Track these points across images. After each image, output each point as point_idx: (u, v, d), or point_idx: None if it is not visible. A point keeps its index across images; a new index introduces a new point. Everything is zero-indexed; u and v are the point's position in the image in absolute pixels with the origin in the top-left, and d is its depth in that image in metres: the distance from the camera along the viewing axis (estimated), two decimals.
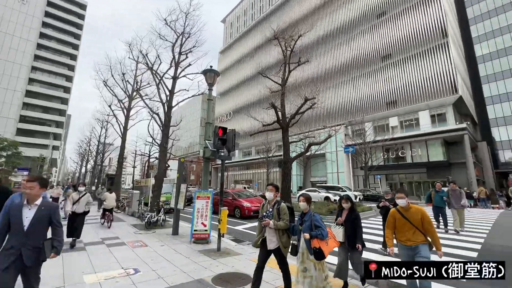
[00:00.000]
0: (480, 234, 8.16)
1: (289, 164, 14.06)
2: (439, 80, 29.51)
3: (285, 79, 14.90)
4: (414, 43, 32.51)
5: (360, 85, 37.65)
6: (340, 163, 36.14)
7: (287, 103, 16.31)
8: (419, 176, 32.04)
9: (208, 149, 6.04)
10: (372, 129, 32.59)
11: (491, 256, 5.69)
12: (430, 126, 30.22)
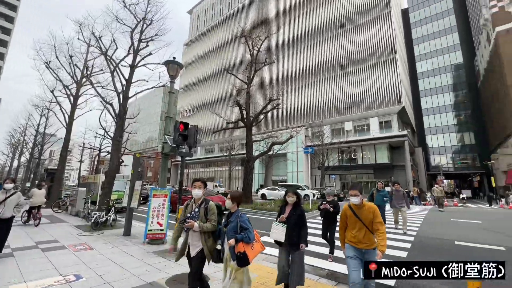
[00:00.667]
0: (413, 228, 9.37)
1: (252, 163, 14.22)
2: (387, 91, 32.94)
3: (251, 78, 14.98)
4: (369, 55, 35.67)
5: (320, 89, 39.87)
6: (300, 163, 37.84)
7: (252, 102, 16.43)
8: (368, 176, 35.39)
9: (168, 145, 5.73)
10: (329, 132, 34.86)
11: (422, 245, 6.58)
12: (378, 131, 33.55)
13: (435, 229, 9.26)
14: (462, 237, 7.85)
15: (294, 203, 3.48)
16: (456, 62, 47.02)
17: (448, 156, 45.81)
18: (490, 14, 29.17)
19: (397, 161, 32.63)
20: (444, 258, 5.57)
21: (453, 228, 9.54)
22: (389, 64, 33.53)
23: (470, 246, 6.66)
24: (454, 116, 46.25)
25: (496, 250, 6.32)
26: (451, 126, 46.18)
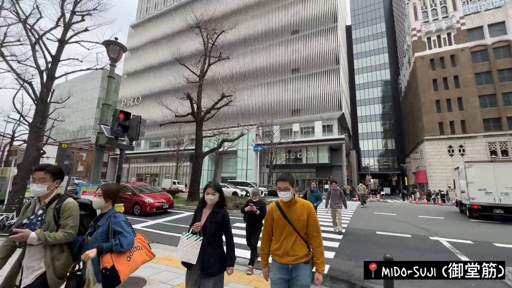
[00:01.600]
0: (345, 221, 10.57)
1: (201, 159, 13.81)
2: (330, 98, 36.24)
3: (204, 71, 14.50)
4: (317, 63, 38.57)
5: (273, 91, 41.30)
6: (250, 160, 38.55)
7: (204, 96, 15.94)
8: (310, 175, 38.35)
9: (103, 136, 5.07)
10: (279, 132, 36.46)
11: (351, 236, 7.48)
12: (321, 134, 36.64)
13: (362, 222, 10.63)
14: (381, 227, 9.22)
15: (215, 203, 2.35)
16: (385, 78, 54.89)
17: (375, 158, 53.24)
18: (411, 41, 35.03)
19: (335, 162, 36.28)
20: (368, 245, 6.45)
21: (375, 220, 11.13)
22: (334, 74, 36.92)
23: (388, 235, 7.87)
24: (381, 124, 53.98)
25: (405, 237, 7.63)
26: (378, 133, 53.77)
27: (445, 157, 29.44)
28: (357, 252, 5.88)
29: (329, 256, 5.44)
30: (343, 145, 34.84)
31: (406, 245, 6.64)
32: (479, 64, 30.01)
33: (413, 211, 15.70)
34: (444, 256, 5.65)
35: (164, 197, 11.73)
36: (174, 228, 8.28)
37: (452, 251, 6.08)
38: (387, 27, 57.21)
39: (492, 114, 28.52)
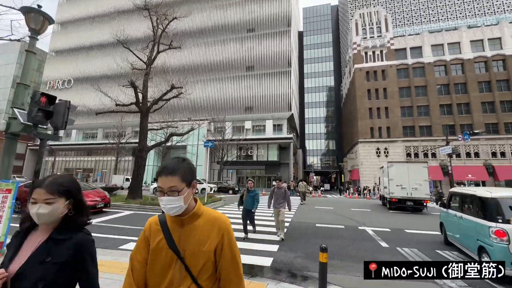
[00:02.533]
0: (290, 215, 11.25)
1: (145, 153, 12.77)
2: (281, 98, 37.88)
3: (152, 59, 13.38)
4: (270, 63, 39.74)
5: (226, 86, 40.89)
6: (200, 156, 37.38)
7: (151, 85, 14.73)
8: (260, 172, 39.51)
9: (17, 122, 4.20)
10: (231, 129, 36.41)
11: (294, 229, 8.00)
12: (272, 133, 38.03)
13: (304, 215, 11.47)
14: (321, 220, 10.12)
15: (59, 222, 1.19)
16: (329, 84, 60.23)
17: (318, 157, 58.10)
18: (352, 53, 39.29)
19: (284, 160, 38.20)
20: (308, 237, 6.99)
21: (316, 214, 12.15)
22: (286, 76, 38.65)
23: (326, 227, 8.68)
24: (325, 126, 59.18)
25: (340, 228, 8.55)
26: (322, 134, 58.81)
27: (374, 158, 34.05)
28: (298, 243, 6.33)
29: (273, 249, 5.71)
30: (291, 144, 36.90)
31: (340, 235, 7.44)
32: (402, 80, 35.55)
33: (347, 204, 17.71)
34: (369, 243, 6.53)
35: (98, 195, 10.44)
36: (109, 229, 7.46)
37: (375, 238, 7.09)
38: (334, 38, 62.73)
39: (409, 123, 34.19)
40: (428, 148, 32.07)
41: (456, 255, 5.54)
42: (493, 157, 30.31)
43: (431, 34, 36.50)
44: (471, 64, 33.27)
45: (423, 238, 7.22)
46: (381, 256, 5.35)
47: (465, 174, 29.09)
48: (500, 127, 30.96)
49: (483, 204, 4.66)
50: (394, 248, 5.99)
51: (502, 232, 4.09)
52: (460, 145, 29.39)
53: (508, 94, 31.50)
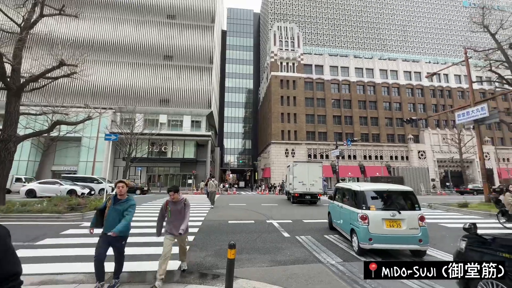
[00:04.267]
0: (203, 214, 11.09)
1: (13, 144, 9.66)
2: (201, 94, 36.95)
3: (30, 22, 10.27)
4: (192, 56, 38.06)
5: (139, 73, 36.36)
6: (100, 151, 31.68)
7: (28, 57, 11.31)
8: (174, 170, 37.20)
9: None
10: (142, 121, 32.60)
11: (207, 228, 7.91)
12: (189, 129, 36.50)
13: (218, 213, 11.56)
14: (233, 217, 10.45)
15: None
16: (249, 87, 63.33)
17: (235, 156, 60.02)
18: (270, 61, 42.75)
19: (201, 157, 37.38)
20: (220, 234, 7.05)
21: (229, 211, 12.46)
22: (207, 72, 37.92)
23: (237, 223, 9.01)
24: (242, 126, 61.77)
25: (250, 223, 9.07)
26: (239, 133, 61.14)
27: (283, 157, 38.14)
28: (210, 242, 6.30)
29: None
30: (210, 142, 36.55)
31: (249, 229, 7.89)
32: (308, 91, 41.41)
33: (258, 200, 19.08)
34: (274, 234, 7.22)
35: None
36: None
37: (279, 229, 7.91)
38: (255, 43, 66.34)
39: (311, 128, 40.20)
40: (324, 150, 38.66)
41: (337, 237, 6.86)
42: (364, 159, 39.64)
43: (330, 56, 44.20)
44: (354, 86, 42.37)
45: (316, 226, 8.59)
46: (283, 245, 6.01)
47: (347, 172, 36.79)
48: (369, 136, 40.81)
49: (355, 196, 5.91)
50: (294, 237, 6.86)
51: (365, 216, 5.25)
52: (345, 149, 36.91)
53: (375, 112, 41.94)
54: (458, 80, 44.92)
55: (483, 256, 2.80)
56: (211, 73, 37.91)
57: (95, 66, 33.69)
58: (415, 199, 5.48)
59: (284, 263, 4.78)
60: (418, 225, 5.12)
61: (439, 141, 40.02)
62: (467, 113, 14.09)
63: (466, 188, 30.66)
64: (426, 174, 31.58)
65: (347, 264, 4.74)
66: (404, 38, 60.83)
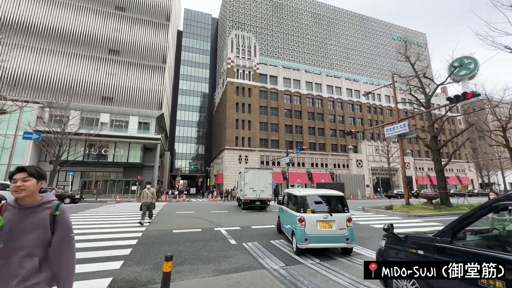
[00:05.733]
0: (145, 223, 10.19)
1: None
2: (152, 94, 34.62)
3: None
4: (142, 54, 35.53)
5: (77, 64, 32.20)
6: (20, 152, 26.61)
7: None
8: (116, 175, 33.59)
9: None
10: (79, 119, 28.73)
11: (148, 238, 7.26)
12: (136, 131, 33.66)
13: (162, 222, 10.79)
14: (179, 225, 9.87)
15: None
16: (204, 91, 62.09)
17: (187, 161, 57.54)
18: (226, 67, 42.86)
19: (148, 162, 34.69)
20: (162, 245, 6.54)
21: (176, 220, 11.76)
22: (159, 71, 35.82)
23: (183, 232, 8.53)
24: (196, 131, 59.89)
25: (197, 231, 8.70)
26: (193, 138, 59.05)
27: (236, 164, 38.17)
28: (149, 254, 5.78)
29: (115, 267, 4.86)
30: (159, 146, 34.28)
31: (195, 238, 7.55)
32: (262, 99, 42.73)
33: (208, 207, 18.54)
34: (221, 242, 7.05)
35: None
36: None
37: (227, 237, 7.77)
38: (212, 48, 65.77)
39: (264, 136, 41.41)
40: (276, 157, 40.12)
41: (282, 242, 7.08)
42: (312, 166, 42.52)
43: (284, 69, 46.70)
44: (304, 98, 45.50)
45: (263, 231, 8.73)
46: (229, 253, 5.90)
47: (296, 179, 38.82)
48: (316, 146, 44.09)
49: (295, 200, 6.37)
50: (241, 244, 6.82)
51: (302, 219, 5.73)
52: (295, 157, 38.98)
53: (322, 123, 45.66)
54: (387, 100, 52.42)
55: (398, 253, 3.23)
56: (164, 73, 35.97)
57: (18, 52, 28.57)
58: (345, 203, 6.14)
59: (228, 272, 4.68)
60: (346, 225, 5.74)
61: (373, 151, 45.68)
62: (393, 128, 16.48)
63: (392, 193, 35.55)
64: (362, 181, 35.56)
65: (289, 267, 4.91)
66: (348, 59, 68.47)
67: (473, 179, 55.01)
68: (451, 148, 48.32)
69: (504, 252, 2.32)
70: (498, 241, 2.66)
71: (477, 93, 11.92)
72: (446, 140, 19.23)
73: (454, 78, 15.42)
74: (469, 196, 29.59)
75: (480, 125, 31.33)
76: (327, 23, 68.67)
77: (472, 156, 57.15)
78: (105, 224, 10.17)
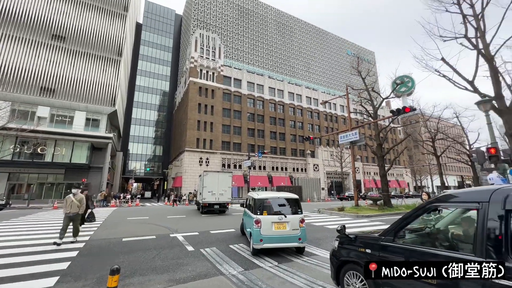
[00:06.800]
0: (88, 232, 9.10)
1: None
2: (104, 89, 31.51)
3: None
4: (93, 43, 32.21)
5: (8, 47, 27.61)
6: None
7: None
8: (55, 177, 29.53)
9: None
10: (9, 111, 24.53)
11: (92, 249, 6.47)
12: (83, 128, 30.17)
13: (109, 230, 9.78)
14: (130, 233, 9.07)
15: None
16: (164, 89, 58.98)
17: (142, 162, 53.62)
18: (189, 66, 41.46)
19: (96, 163, 31.33)
20: (108, 256, 5.89)
21: (126, 226, 10.79)
22: (113, 64, 32.86)
23: (134, 240, 7.85)
24: (154, 131, 56.37)
25: (150, 239, 8.09)
26: (150, 138, 55.39)
27: (197, 166, 36.97)
28: (91, 267, 5.15)
29: (47, 285, 4.20)
30: (110, 145, 31.27)
31: (148, 246, 7.00)
32: (226, 102, 42.41)
33: (164, 212, 17.50)
34: (177, 249, 6.67)
35: None
36: None
37: (184, 243, 7.39)
38: (174, 45, 63.06)
39: (227, 138, 41.06)
40: (238, 160, 40.04)
41: (241, 246, 7.02)
42: (272, 170, 43.57)
43: (248, 73, 47.21)
44: (267, 103, 46.60)
45: (222, 236, 8.55)
46: (185, 260, 5.61)
47: (257, 182, 39.28)
48: (277, 150, 45.39)
49: (254, 203, 6.54)
50: (198, 250, 6.55)
51: (258, 220, 5.96)
52: (256, 160, 39.47)
53: (283, 128, 47.27)
54: (342, 109, 56.95)
55: (349, 253, 3.46)
56: (119, 67, 33.14)
57: None
58: (299, 205, 6.47)
59: (184, 281, 4.43)
60: (299, 226, 6.10)
61: (328, 156, 48.94)
62: (346, 136, 17.91)
63: (344, 195, 38.50)
64: (318, 184, 37.72)
65: (247, 272, 4.87)
66: (308, 69, 72.52)
67: (409, 182, 62.96)
68: (393, 155, 54.63)
69: (433, 247, 2.67)
70: (429, 238, 3.04)
71: (414, 108, 13.72)
72: (389, 148, 21.65)
73: (396, 93, 17.51)
74: (405, 198, 33.68)
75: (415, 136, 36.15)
76: (290, 32, 71.87)
77: (409, 162, 65.56)
78: (37, 234, 8.79)
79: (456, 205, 2.74)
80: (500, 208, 2.10)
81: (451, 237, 2.77)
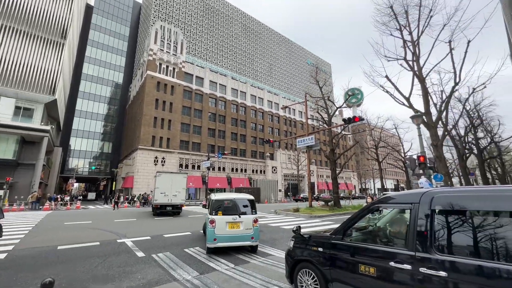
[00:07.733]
0: (14, 239, 7.76)
1: None
2: (42, 74, 27.40)
3: None
4: (32, 22, 27.82)
5: None
6: None
7: None
8: None
9: None
10: None
11: (18, 259, 5.50)
12: (10, 117, 25.71)
13: (42, 237, 8.51)
14: (68, 239, 8.01)
15: None
16: (117, 80, 53.95)
17: (86, 160, 47.96)
18: (147, 59, 38.78)
19: (27, 159, 26.95)
20: (39, 267, 5.11)
21: (63, 232, 9.51)
22: (54, 47, 28.83)
23: (72, 248, 6.94)
24: (102, 125, 51.00)
25: (93, 245, 7.27)
26: (97, 134, 49.90)
27: (151, 166, 34.65)
28: (16, 283, 4.38)
29: None
30: (45, 139, 27.24)
31: (91, 254, 6.28)
32: (186, 100, 40.84)
33: (112, 215, 15.94)
34: (124, 256, 6.12)
35: None
36: None
37: (133, 249, 6.83)
38: (131, 34, 58.33)
39: (185, 137, 39.52)
40: (197, 161, 38.83)
41: (197, 249, 6.80)
42: (232, 171, 43.42)
43: (211, 72, 46.35)
44: (229, 104, 46.39)
45: (177, 240, 8.16)
46: (134, 268, 5.19)
47: (216, 183, 38.65)
48: (237, 151, 45.45)
49: (211, 204, 6.61)
50: (150, 256, 6.13)
51: (213, 220, 6.17)
52: (216, 161, 38.85)
53: (244, 130, 47.58)
54: (300, 115, 59.99)
55: (303, 252, 3.64)
56: (62, 51, 29.23)
57: None
58: (254, 206, 6.71)
59: None
60: (252, 226, 6.37)
61: (286, 159, 50.91)
62: (303, 140, 18.92)
63: (299, 197, 40.46)
64: (276, 186, 38.93)
65: (203, 276, 4.74)
66: (270, 74, 74.56)
67: (355, 185, 69.44)
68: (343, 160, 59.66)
69: (374, 243, 3.00)
70: (371, 235, 3.40)
71: (362, 118, 15.24)
72: (340, 153, 23.56)
73: (348, 104, 19.21)
74: (352, 199, 37.04)
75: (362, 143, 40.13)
76: (255, 36, 73.01)
77: (356, 167, 72.29)
78: None
79: (394, 205, 3.11)
80: (427, 208, 2.47)
81: (389, 234, 3.14)
